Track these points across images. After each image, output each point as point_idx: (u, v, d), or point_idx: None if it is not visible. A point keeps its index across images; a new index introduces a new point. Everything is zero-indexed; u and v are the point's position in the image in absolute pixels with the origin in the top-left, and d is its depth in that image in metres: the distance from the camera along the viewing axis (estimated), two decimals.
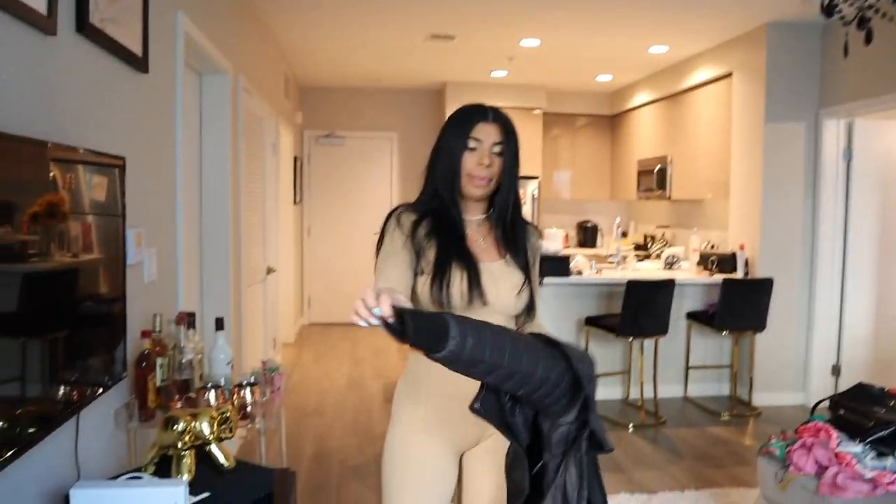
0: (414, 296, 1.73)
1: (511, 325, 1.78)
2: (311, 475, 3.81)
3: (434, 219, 1.78)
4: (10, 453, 1.43)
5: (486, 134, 1.75)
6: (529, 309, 1.82)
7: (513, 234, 1.86)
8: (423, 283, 1.72)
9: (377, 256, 1.79)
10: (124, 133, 2.33)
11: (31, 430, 1.54)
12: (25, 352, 1.56)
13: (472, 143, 1.75)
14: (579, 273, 5.28)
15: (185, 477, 1.81)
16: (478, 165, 1.75)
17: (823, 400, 3.12)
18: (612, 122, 8.37)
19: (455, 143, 1.77)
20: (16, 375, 1.51)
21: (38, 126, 1.70)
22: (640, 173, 7.29)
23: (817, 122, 5.16)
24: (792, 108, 5.18)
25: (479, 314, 1.67)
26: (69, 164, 1.75)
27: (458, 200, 1.80)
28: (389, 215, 1.83)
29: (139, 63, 2.46)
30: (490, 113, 1.78)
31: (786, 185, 5.22)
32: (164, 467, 1.89)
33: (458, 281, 1.71)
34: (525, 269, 1.83)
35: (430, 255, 1.74)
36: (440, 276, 1.70)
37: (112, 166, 2.03)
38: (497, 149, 1.76)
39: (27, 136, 1.56)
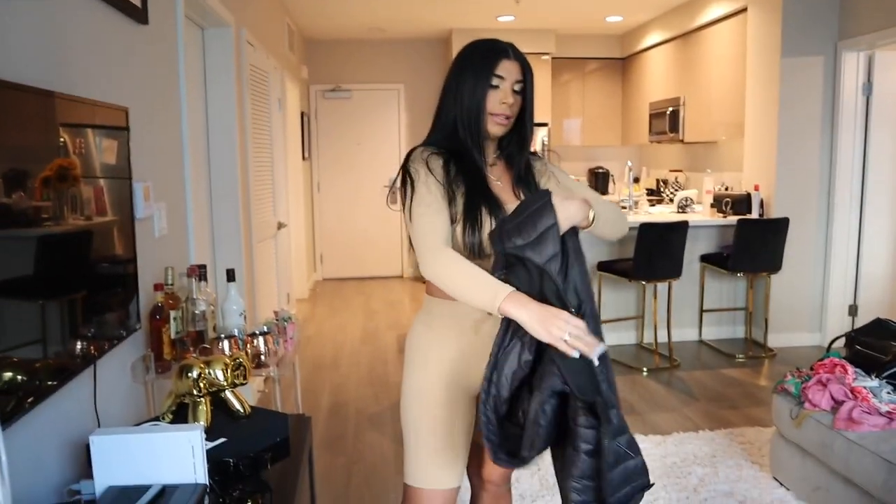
0: None
1: None
2: (328, 425, 3.86)
3: (456, 161, 1.73)
4: (28, 401, 1.45)
5: (509, 71, 1.71)
6: None
7: (526, 173, 1.84)
8: (456, 228, 1.69)
9: (407, 203, 1.70)
10: (127, 86, 2.30)
11: (49, 382, 1.55)
12: (42, 312, 1.57)
13: (495, 81, 1.70)
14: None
15: (202, 423, 1.83)
16: (500, 104, 1.71)
17: (840, 337, 3.10)
18: (623, 65, 8.22)
19: (478, 81, 1.71)
20: (33, 335, 1.52)
21: (41, 79, 1.67)
22: (652, 116, 7.18)
23: (836, 55, 5.03)
24: (809, 41, 5.05)
25: None
26: (75, 125, 1.74)
27: (481, 141, 1.75)
28: (411, 157, 1.75)
29: (138, 14, 2.42)
30: (510, 50, 1.73)
31: (803, 123, 5.11)
32: (181, 415, 1.91)
33: (487, 226, 1.68)
34: None
35: (459, 199, 1.70)
36: (472, 223, 1.68)
37: (116, 126, 2.01)
38: (517, 87, 1.73)
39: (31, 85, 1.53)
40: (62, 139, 1.67)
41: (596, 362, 1.42)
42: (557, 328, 1.43)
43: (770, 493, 2.95)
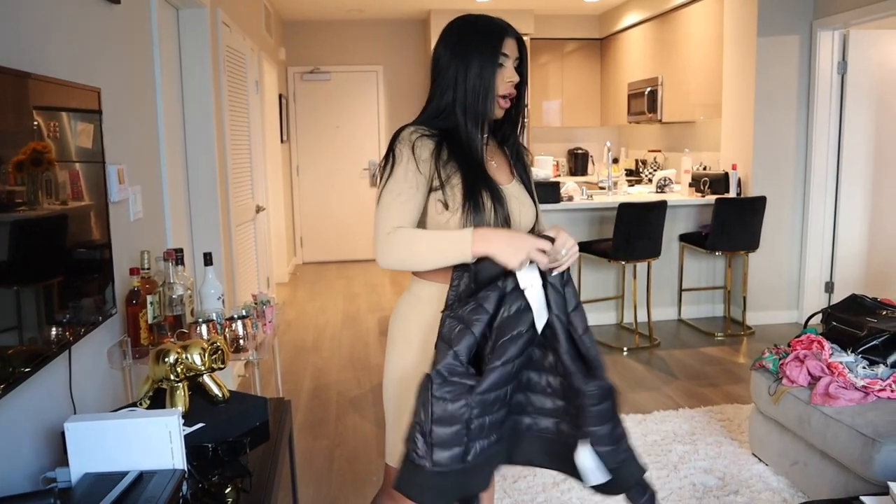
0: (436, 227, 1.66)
1: None
2: (310, 409, 3.85)
3: (450, 144, 1.65)
4: (1, 388, 1.43)
5: (511, 49, 1.66)
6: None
7: (517, 153, 1.83)
8: (452, 216, 1.63)
9: (380, 184, 1.65)
10: (99, 67, 2.25)
11: (23, 369, 1.53)
12: (17, 298, 1.54)
13: (500, 60, 1.64)
14: (570, 199, 5.25)
15: (180, 408, 1.81)
16: (506, 83, 1.66)
17: (817, 313, 3.14)
18: (601, 46, 8.21)
19: (485, 61, 1.63)
20: (7, 321, 1.49)
21: (11, 59, 1.63)
22: (631, 97, 7.18)
23: (811, 34, 5.05)
24: (785, 20, 5.07)
25: None
26: (48, 108, 1.69)
27: (483, 122, 1.69)
28: (399, 137, 1.66)
29: None
30: (509, 27, 1.68)
31: (779, 102, 5.14)
32: (159, 401, 1.89)
33: (489, 209, 1.64)
34: (531, 188, 1.81)
35: (455, 185, 1.63)
36: (474, 209, 1.62)
37: (89, 109, 1.97)
38: (517, 64, 1.68)
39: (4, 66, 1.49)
40: (36, 122, 1.64)
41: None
42: (528, 243, 1.50)
43: (749, 468, 2.98)
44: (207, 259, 2.55)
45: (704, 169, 5.93)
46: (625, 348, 4.81)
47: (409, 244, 1.58)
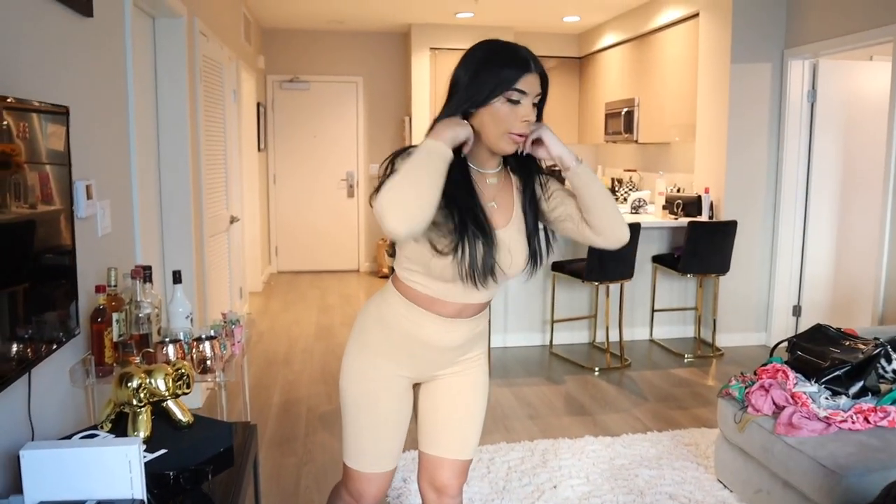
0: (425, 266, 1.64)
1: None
2: (279, 425, 3.82)
3: (449, 176, 1.52)
4: None
5: (531, 86, 1.57)
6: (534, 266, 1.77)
7: (531, 190, 1.75)
8: (442, 261, 1.59)
9: (379, 185, 1.56)
10: (69, 82, 2.22)
11: None
12: None
13: (515, 96, 1.56)
14: None
15: (142, 434, 1.79)
16: (521, 122, 1.58)
17: (782, 342, 3.17)
18: (580, 65, 8.27)
19: (493, 91, 1.55)
20: None
21: None
22: (608, 116, 7.25)
23: (783, 62, 5.14)
24: (758, 48, 5.15)
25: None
26: (18, 112, 1.67)
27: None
28: (402, 152, 1.61)
29: (82, 5, 2.34)
30: (532, 62, 1.57)
31: (751, 127, 5.22)
32: (121, 424, 1.87)
33: (478, 255, 1.59)
34: (532, 226, 1.74)
35: (446, 228, 1.58)
36: (462, 255, 1.58)
37: (56, 115, 1.94)
38: (536, 101, 1.60)
39: None
40: (5, 122, 1.61)
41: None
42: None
43: (713, 494, 3.01)
44: (176, 277, 2.53)
45: (678, 191, 5.99)
46: (596, 368, 4.83)
47: (395, 186, 1.45)
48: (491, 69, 1.56)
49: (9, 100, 1.65)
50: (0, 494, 1.64)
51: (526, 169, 1.75)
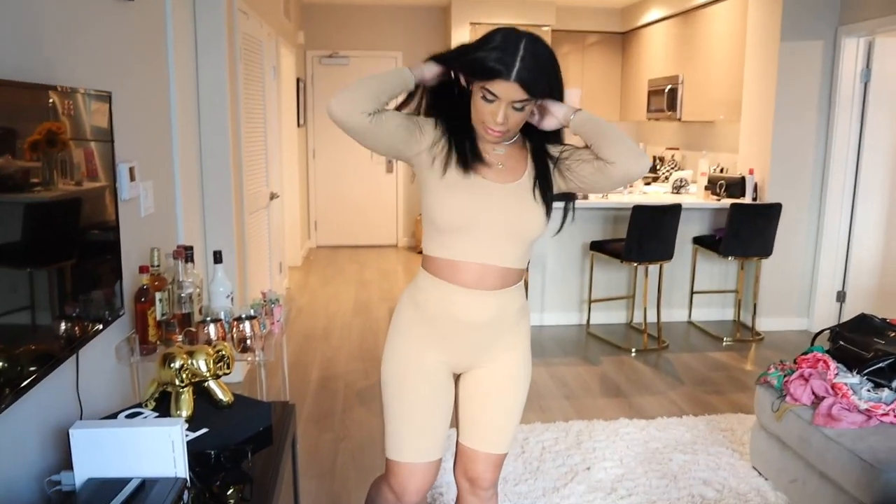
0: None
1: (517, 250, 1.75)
2: (316, 401, 3.89)
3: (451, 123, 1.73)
4: (11, 393, 1.45)
5: (505, 92, 1.57)
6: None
7: (546, 153, 1.77)
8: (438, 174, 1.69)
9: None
10: (112, 66, 2.26)
11: (32, 369, 1.55)
12: (26, 284, 1.56)
13: (488, 96, 1.59)
14: (585, 197, 5.23)
15: (184, 413, 1.84)
16: (493, 120, 1.62)
17: (824, 330, 3.12)
18: (623, 40, 8.13)
19: (471, 78, 1.63)
20: (20, 307, 1.51)
21: (21, 64, 1.65)
22: (651, 93, 7.12)
23: (836, 40, 4.98)
24: (810, 25, 4.99)
25: (485, 250, 1.71)
26: (64, 95, 1.71)
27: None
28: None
29: None
30: (515, 70, 1.54)
31: (799, 108, 5.08)
32: (164, 402, 1.93)
33: (465, 143, 1.70)
34: (546, 191, 1.74)
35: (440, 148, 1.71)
36: (444, 140, 1.71)
37: (99, 111, 1.98)
38: (518, 105, 1.60)
39: (14, 79, 1.51)
40: (51, 100, 1.65)
41: None
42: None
43: (748, 481, 2.99)
44: (217, 257, 2.58)
45: (722, 171, 5.88)
46: (633, 349, 4.81)
47: (351, 84, 1.61)
48: (478, 56, 1.58)
49: (58, 88, 1.69)
50: (52, 469, 1.71)
51: (540, 136, 1.78)
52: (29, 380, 1.53)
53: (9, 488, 1.57)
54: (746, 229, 4.84)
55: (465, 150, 1.69)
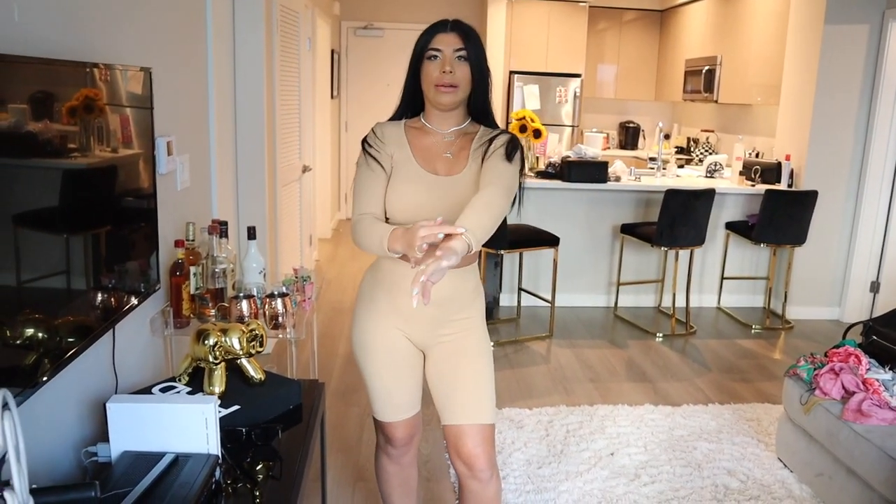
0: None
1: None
2: (343, 375, 3.94)
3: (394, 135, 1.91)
4: (51, 367, 1.49)
5: (446, 43, 1.82)
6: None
7: (488, 142, 1.90)
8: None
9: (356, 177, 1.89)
10: (152, 40, 2.28)
11: (71, 341, 1.59)
12: (67, 250, 1.59)
13: (431, 53, 1.82)
14: (617, 179, 5.18)
15: (217, 389, 1.88)
16: (440, 73, 1.81)
17: (856, 324, 3.08)
18: (661, 18, 7.97)
19: (417, 56, 1.85)
20: (59, 272, 1.55)
21: (63, 39, 1.66)
22: (688, 74, 7.00)
23: (882, 24, 4.84)
24: (855, 8, 4.85)
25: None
26: (105, 70, 1.73)
27: (418, 110, 1.94)
28: (364, 142, 1.91)
29: None
30: (448, 24, 1.85)
31: (841, 93, 4.96)
32: (197, 377, 1.96)
33: (409, 193, 1.85)
34: (490, 176, 1.83)
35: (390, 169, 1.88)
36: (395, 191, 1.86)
37: (139, 87, 2.00)
38: (460, 54, 1.81)
39: (57, 58, 1.53)
40: (88, 69, 1.66)
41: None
42: (417, 239, 1.52)
43: (773, 473, 2.98)
44: (251, 233, 2.60)
45: (757, 156, 5.78)
46: (659, 334, 4.78)
47: (360, 233, 1.79)
48: (417, 42, 1.87)
49: (99, 66, 1.71)
50: (89, 440, 1.76)
51: (481, 120, 1.96)
52: (70, 353, 1.57)
53: (48, 457, 1.62)
54: (781, 216, 4.77)
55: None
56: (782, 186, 5.08)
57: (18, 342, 1.41)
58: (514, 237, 4.41)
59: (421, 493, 2.81)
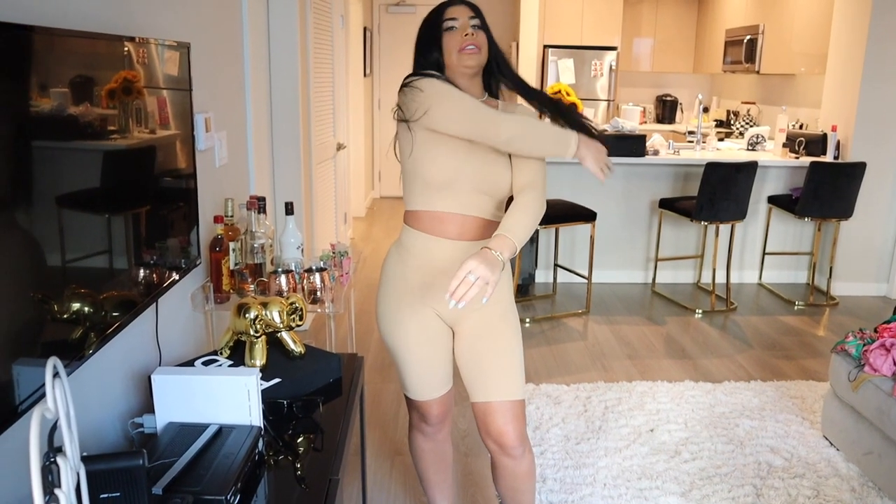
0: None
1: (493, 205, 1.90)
2: (381, 350, 3.95)
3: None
4: (97, 339, 1.51)
5: (460, 13, 1.85)
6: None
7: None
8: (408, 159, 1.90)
9: (420, 97, 1.79)
10: (190, 17, 2.27)
11: (115, 315, 1.60)
12: (108, 231, 1.60)
13: (449, 24, 1.83)
14: (655, 153, 5.09)
15: (258, 362, 1.88)
16: (463, 38, 1.82)
17: None
18: None
19: (432, 33, 1.86)
20: (102, 251, 1.56)
21: (103, 14, 1.66)
22: (728, 44, 6.83)
23: None
24: None
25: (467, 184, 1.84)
26: (145, 46, 1.73)
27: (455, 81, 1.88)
28: (411, 76, 1.87)
29: None
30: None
31: (891, 62, 4.79)
32: (238, 351, 1.97)
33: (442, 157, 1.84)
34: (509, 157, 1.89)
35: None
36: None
37: (177, 68, 2.00)
38: (474, 23, 1.84)
39: (97, 31, 1.53)
40: (126, 49, 1.66)
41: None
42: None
43: (818, 451, 2.92)
44: (289, 209, 2.60)
45: (801, 127, 5.63)
46: (699, 311, 4.71)
47: (524, 123, 1.75)
48: (426, 22, 1.89)
49: (136, 39, 1.70)
50: (134, 412, 1.78)
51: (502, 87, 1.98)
52: (114, 326, 1.58)
53: (97, 428, 1.64)
54: (826, 189, 4.64)
55: None
56: (828, 158, 4.95)
57: (66, 317, 1.43)
58: (550, 212, 4.37)
59: (458, 468, 2.81)
